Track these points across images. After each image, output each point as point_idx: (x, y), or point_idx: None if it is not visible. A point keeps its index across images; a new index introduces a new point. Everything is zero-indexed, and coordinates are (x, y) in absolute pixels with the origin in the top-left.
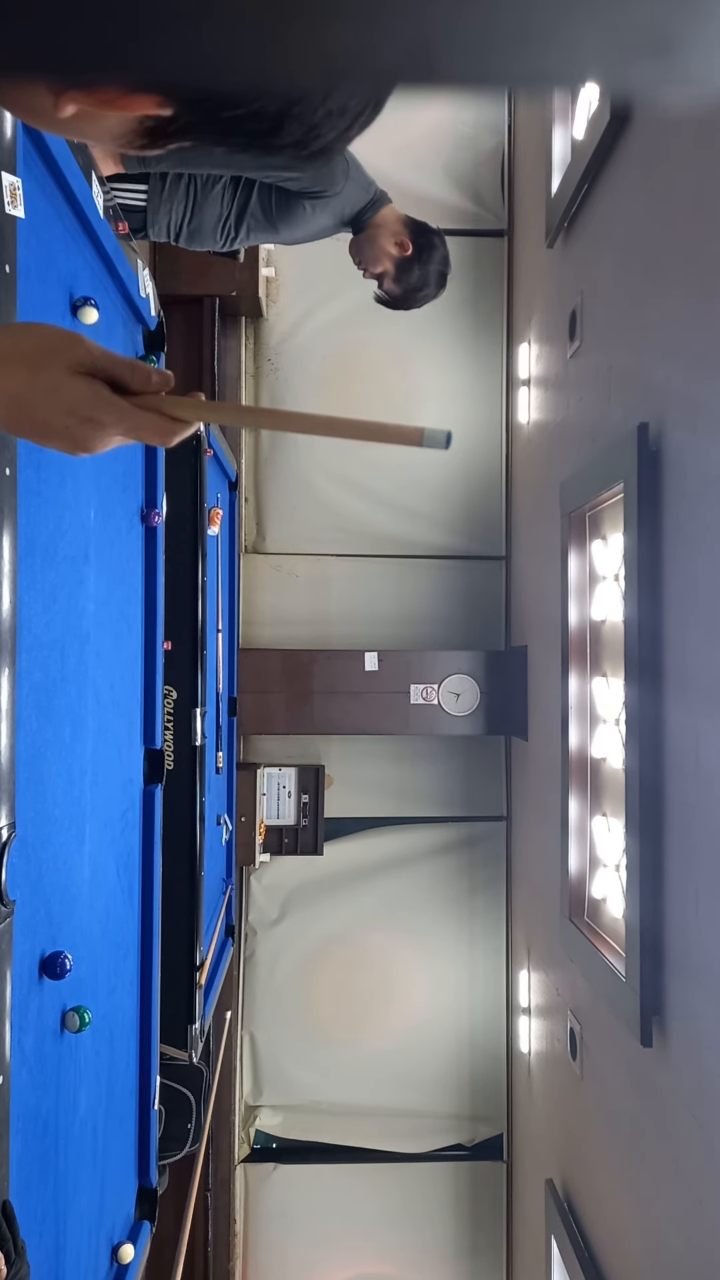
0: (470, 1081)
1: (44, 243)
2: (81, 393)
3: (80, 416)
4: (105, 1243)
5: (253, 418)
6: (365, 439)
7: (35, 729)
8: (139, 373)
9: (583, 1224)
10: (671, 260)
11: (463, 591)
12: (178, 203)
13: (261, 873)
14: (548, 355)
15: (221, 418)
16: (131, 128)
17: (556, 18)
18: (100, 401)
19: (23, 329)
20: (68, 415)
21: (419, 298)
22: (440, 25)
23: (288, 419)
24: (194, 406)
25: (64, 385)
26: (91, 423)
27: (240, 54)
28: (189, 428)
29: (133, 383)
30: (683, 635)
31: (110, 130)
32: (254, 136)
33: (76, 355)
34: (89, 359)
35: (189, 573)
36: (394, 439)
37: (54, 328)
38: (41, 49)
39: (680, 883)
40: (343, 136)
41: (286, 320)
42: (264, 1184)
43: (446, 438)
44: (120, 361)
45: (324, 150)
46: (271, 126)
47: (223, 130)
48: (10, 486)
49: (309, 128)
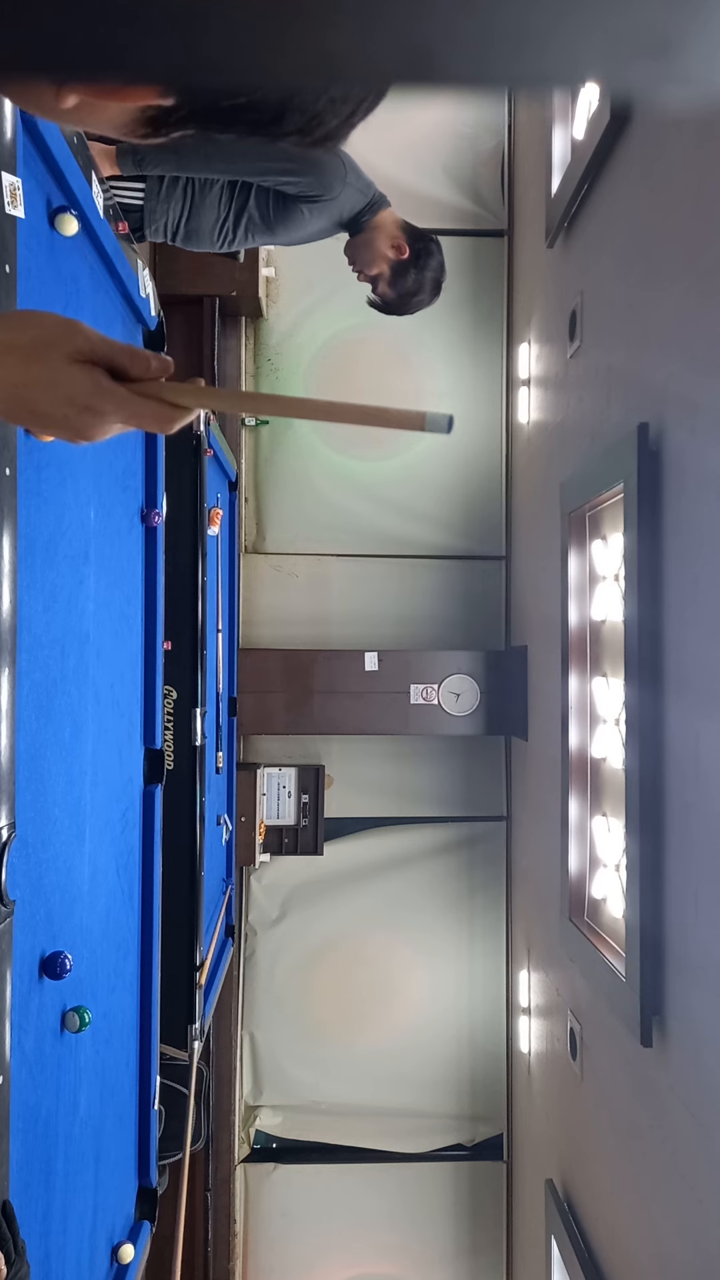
0: (470, 1081)
1: (44, 243)
2: (80, 382)
3: (79, 406)
4: (105, 1243)
5: (253, 404)
6: (367, 424)
7: (35, 729)
8: (138, 359)
9: (583, 1224)
10: (671, 260)
11: (463, 591)
12: (175, 204)
13: (261, 873)
14: (548, 355)
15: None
16: (133, 117)
17: (556, 17)
18: (99, 390)
19: (21, 318)
20: (67, 405)
21: (413, 303)
22: (440, 25)
23: (289, 404)
24: (194, 393)
25: (62, 375)
26: (91, 411)
27: (240, 54)
28: (189, 414)
29: (132, 369)
30: (683, 635)
31: (112, 120)
32: (256, 126)
33: (75, 344)
34: (87, 347)
35: (189, 573)
36: (396, 424)
37: (52, 316)
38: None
39: (680, 883)
40: (346, 123)
41: (286, 320)
42: (264, 1184)
43: (448, 422)
44: (119, 348)
45: (327, 137)
46: (273, 116)
47: (224, 119)
48: (10, 486)
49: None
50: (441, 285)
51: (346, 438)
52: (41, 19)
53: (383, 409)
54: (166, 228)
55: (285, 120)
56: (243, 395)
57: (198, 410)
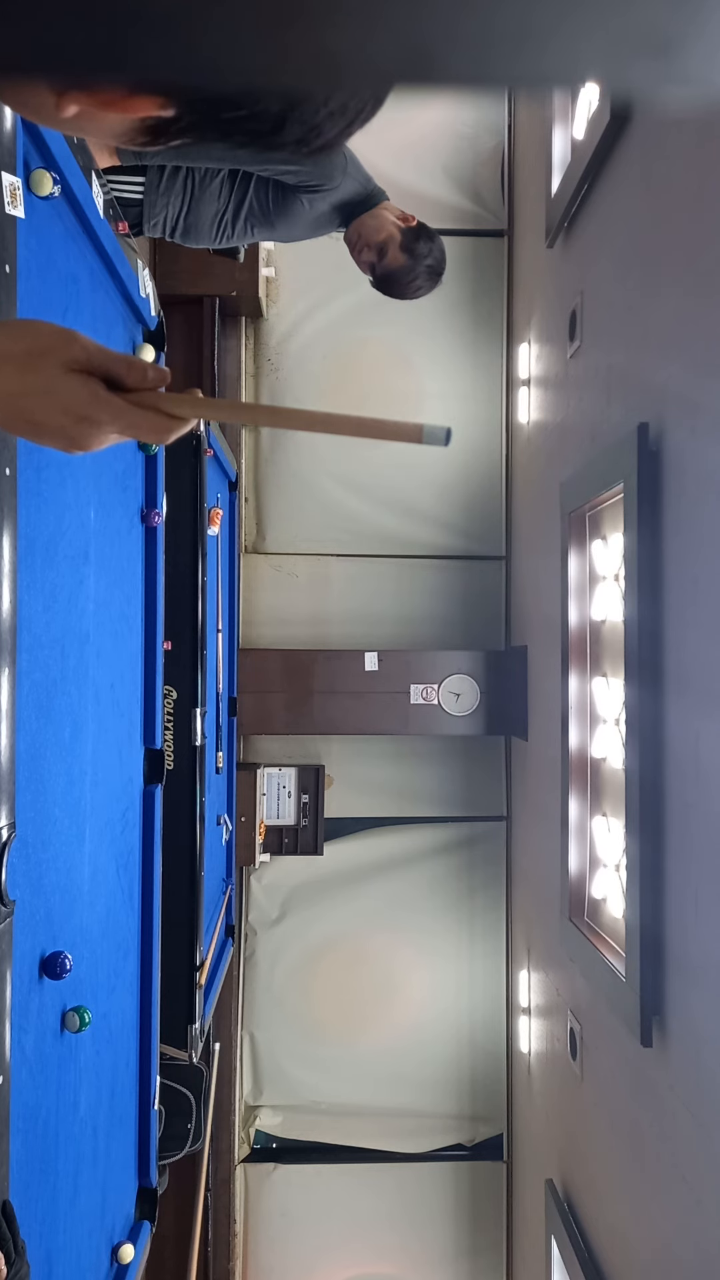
0: (470, 1081)
1: (44, 243)
2: (76, 392)
3: (76, 415)
4: (105, 1243)
5: (250, 414)
6: (364, 436)
7: (35, 729)
8: (135, 369)
9: (583, 1224)
10: (671, 260)
11: (463, 591)
12: (174, 197)
13: (261, 873)
14: (548, 355)
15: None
16: (133, 126)
17: (556, 17)
18: (95, 400)
19: (17, 327)
20: (63, 415)
21: (413, 285)
22: (440, 25)
23: (286, 416)
24: (191, 403)
25: (58, 385)
26: (87, 421)
27: (241, 56)
28: (186, 425)
29: (128, 379)
30: (683, 635)
31: (112, 129)
32: (256, 136)
33: (71, 353)
34: (84, 356)
35: (189, 573)
36: (393, 436)
37: (49, 325)
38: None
39: (680, 883)
40: (344, 133)
41: (286, 320)
42: (264, 1184)
43: (446, 434)
44: (115, 358)
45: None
46: (273, 127)
47: (224, 130)
48: (10, 486)
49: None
50: (440, 274)
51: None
52: (41, 19)
53: (380, 421)
54: (166, 222)
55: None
56: (240, 406)
57: (195, 421)
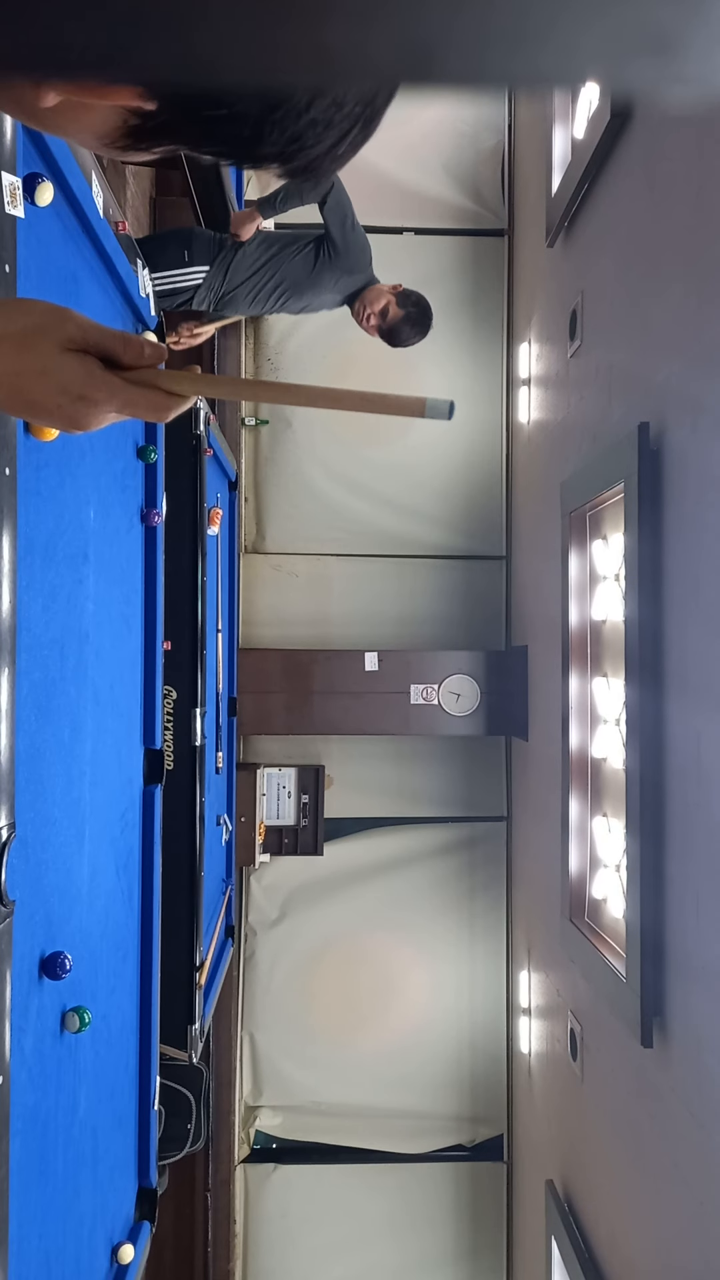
0: (470, 1082)
1: (44, 242)
2: (73, 371)
3: (73, 395)
4: (105, 1243)
5: (250, 390)
6: (367, 410)
7: (35, 729)
8: (132, 347)
9: (583, 1224)
10: (672, 260)
11: (463, 591)
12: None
13: (261, 873)
14: (548, 355)
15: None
16: (114, 126)
17: (555, 16)
18: (93, 379)
19: (12, 306)
20: (60, 394)
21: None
22: (438, 23)
23: (287, 391)
24: (190, 380)
25: (55, 364)
26: (85, 400)
27: (235, 51)
28: (185, 402)
29: (125, 357)
30: (683, 635)
31: (94, 128)
32: (235, 143)
33: (67, 332)
34: (80, 335)
35: (189, 573)
36: (396, 410)
37: (44, 304)
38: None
39: (680, 883)
40: (329, 154)
41: (286, 320)
42: (264, 1184)
43: (449, 408)
44: (112, 335)
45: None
46: (253, 132)
47: (204, 132)
48: (10, 486)
49: (291, 138)
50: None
51: (346, 436)
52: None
53: (383, 395)
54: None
55: (264, 139)
56: (240, 382)
57: (194, 398)
